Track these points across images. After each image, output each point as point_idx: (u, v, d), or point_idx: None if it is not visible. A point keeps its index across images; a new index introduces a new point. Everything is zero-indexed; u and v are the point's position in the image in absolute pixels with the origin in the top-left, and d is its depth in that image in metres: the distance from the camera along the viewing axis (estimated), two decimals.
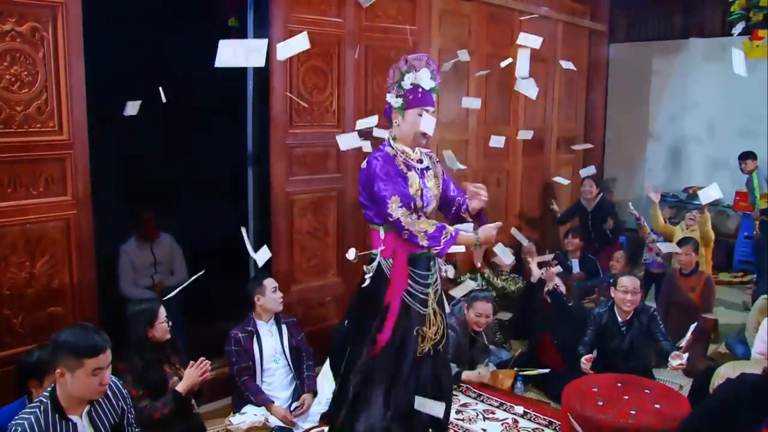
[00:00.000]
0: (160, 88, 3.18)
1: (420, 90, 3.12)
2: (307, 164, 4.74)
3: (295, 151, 4.67)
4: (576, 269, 6.24)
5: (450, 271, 3.45)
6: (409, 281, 3.16)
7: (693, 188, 8.12)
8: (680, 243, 5.41)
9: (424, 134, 3.15)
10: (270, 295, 4.14)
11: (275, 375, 4.14)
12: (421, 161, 3.23)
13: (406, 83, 3.14)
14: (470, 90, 5.61)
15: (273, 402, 4.01)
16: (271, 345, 4.15)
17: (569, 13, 6.77)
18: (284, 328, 4.22)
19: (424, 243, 2.98)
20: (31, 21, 3.36)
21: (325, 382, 4.14)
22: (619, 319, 4.47)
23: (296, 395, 4.16)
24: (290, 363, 4.19)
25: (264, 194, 4.78)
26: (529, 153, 6.47)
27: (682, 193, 8.22)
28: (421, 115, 3.11)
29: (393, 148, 3.19)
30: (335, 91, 4.80)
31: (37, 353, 2.91)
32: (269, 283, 4.16)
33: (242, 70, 5.17)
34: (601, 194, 6.58)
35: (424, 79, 3.12)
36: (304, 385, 4.18)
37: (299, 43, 2.67)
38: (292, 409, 4.07)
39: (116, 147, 5.69)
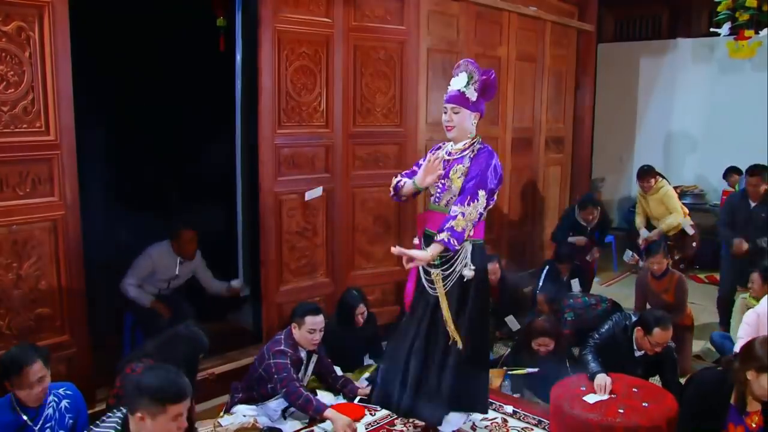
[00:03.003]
0: None
1: (448, 90, 3.50)
2: (295, 164, 4.74)
3: (283, 151, 4.66)
4: (576, 289, 6.11)
5: (467, 275, 3.50)
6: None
7: (681, 187, 8.18)
8: (649, 251, 5.41)
9: (445, 127, 3.49)
10: (305, 334, 4.01)
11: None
12: (462, 152, 3.49)
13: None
14: None
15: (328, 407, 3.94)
16: (302, 373, 4.13)
17: (557, 13, 6.78)
18: (314, 357, 4.18)
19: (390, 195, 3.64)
20: (17, 20, 3.34)
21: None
22: (636, 350, 4.20)
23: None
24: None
25: (253, 194, 4.77)
26: (518, 152, 6.48)
27: None
28: (444, 112, 3.49)
29: (446, 144, 3.60)
30: (324, 91, 4.79)
31: (12, 351, 2.93)
32: (311, 322, 3.99)
33: (231, 70, 5.16)
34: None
35: (455, 81, 3.48)
36: (348, 385, 4.29)
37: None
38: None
39: (103, 148, 5.66)
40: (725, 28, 6.41)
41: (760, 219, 5.64)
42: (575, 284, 6.04)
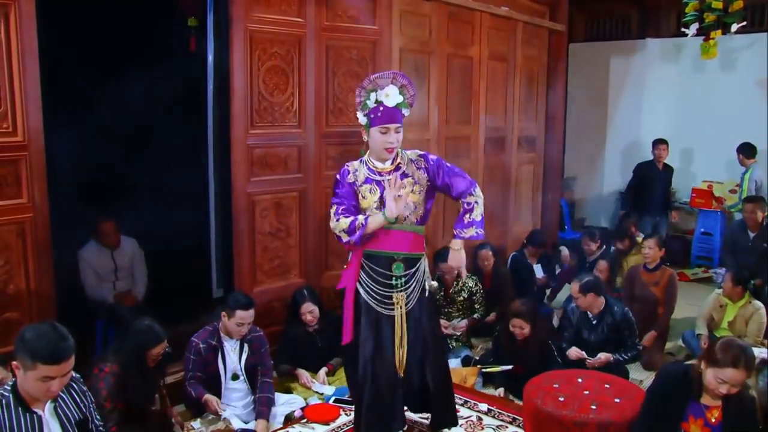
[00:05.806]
0: None
1: (382, 108, 3.28)
2: (268, 165, 4.71)
3: (255, 152, 4.63)
4: (540, 274, 6.26)
5: (433, 286, 3.46)
6: (363, 275, 3.37)
7: None
8: (645, 237, 5.57)
9: (387, 149, 3.32)
10: (233, 326, 3.95)
11: (235, 391, 4.06)
12: (398, 168, 3.37)
13: (371, 102, 3.31)
14: (431, 91, 5.64)
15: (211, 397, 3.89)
16: (233, 362, 4.03)
17: (529, 13, 6.83)
18: (246, 346, 4.05)
19: (346, 239, 3.29)
20: None
21: None
22: (590, 314, 4.71)
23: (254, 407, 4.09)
24: (247, 380, 4.09)
25: (225, 195, 4.73)
26: (490, 152, 6.51)
27: None
28: (383, 133, 3.28)
29: (360, 162, 3.43)
30: (296, 91, 4.77)
31: None
32: (240, 316, 3.91)
33: (203, 71, 5.13)
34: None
35: (388, 96, 3.27)
36: (259, 405, 3.97)
37: None
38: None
39: (77, 149, 5.59)
40: (692, 29, 6.52)
41: (760, 248, 5.70)
42: (538, 269, 6.17)
